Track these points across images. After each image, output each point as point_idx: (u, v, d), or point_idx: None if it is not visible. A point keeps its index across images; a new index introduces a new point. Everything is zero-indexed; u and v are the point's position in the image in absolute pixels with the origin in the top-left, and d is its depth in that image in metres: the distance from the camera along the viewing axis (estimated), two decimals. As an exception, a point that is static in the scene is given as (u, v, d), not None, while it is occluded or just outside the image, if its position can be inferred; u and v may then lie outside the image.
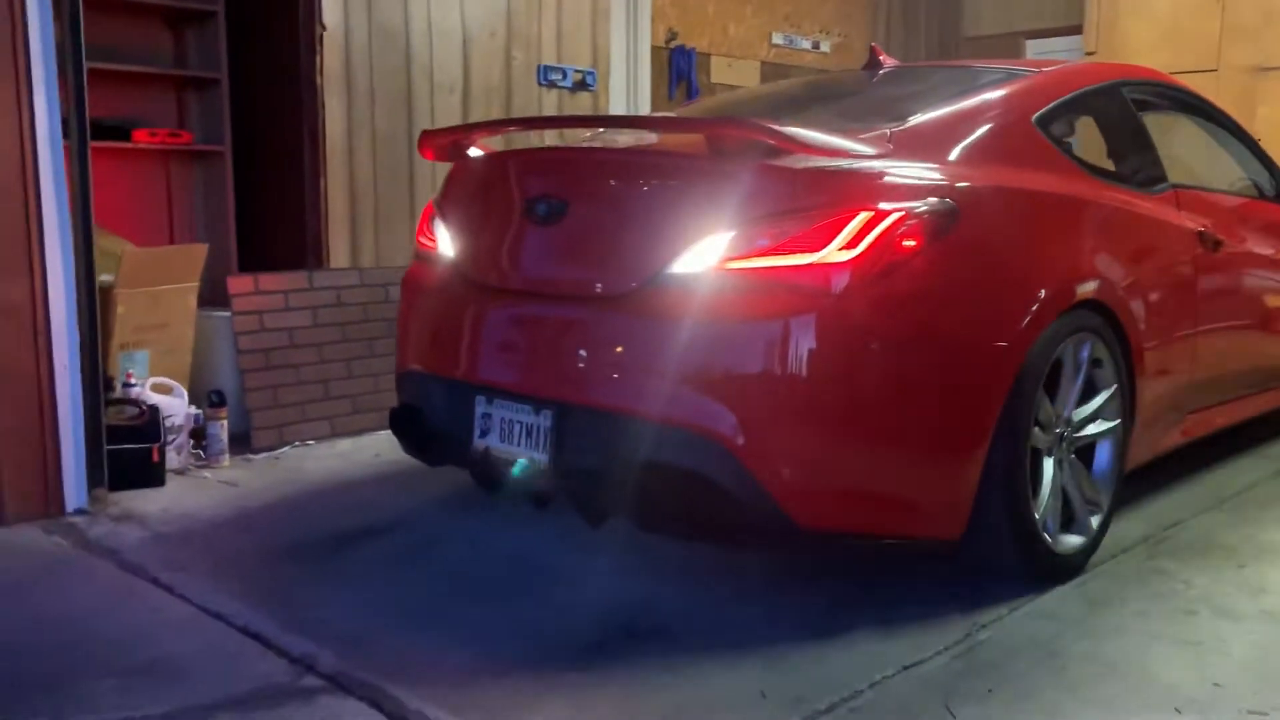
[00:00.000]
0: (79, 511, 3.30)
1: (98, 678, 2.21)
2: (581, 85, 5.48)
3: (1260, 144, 4.16)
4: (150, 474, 3.56)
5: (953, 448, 2.47)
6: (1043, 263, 2.65)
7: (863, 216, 2.31)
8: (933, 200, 2.42)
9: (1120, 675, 2.24)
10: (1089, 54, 7.24)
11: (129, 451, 3.52)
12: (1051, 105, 2.98)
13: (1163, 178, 3.33)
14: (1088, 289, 2.74)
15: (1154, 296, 3.06)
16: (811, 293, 2.28)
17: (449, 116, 4.93)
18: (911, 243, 2.35)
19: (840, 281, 2.28)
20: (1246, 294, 3.70)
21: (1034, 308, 2.56)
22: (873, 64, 3.70)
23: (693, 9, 6.91)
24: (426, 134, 2.99)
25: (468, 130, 2.96)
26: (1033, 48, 8.41)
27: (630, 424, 2.37)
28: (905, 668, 2.26)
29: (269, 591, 2.68)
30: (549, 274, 2.67)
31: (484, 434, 2.66)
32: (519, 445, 2.58)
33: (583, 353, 2.49)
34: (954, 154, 2.63)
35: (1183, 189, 3.39)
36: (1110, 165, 3.29)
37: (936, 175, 2.51)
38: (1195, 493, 3.55)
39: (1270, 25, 6.65)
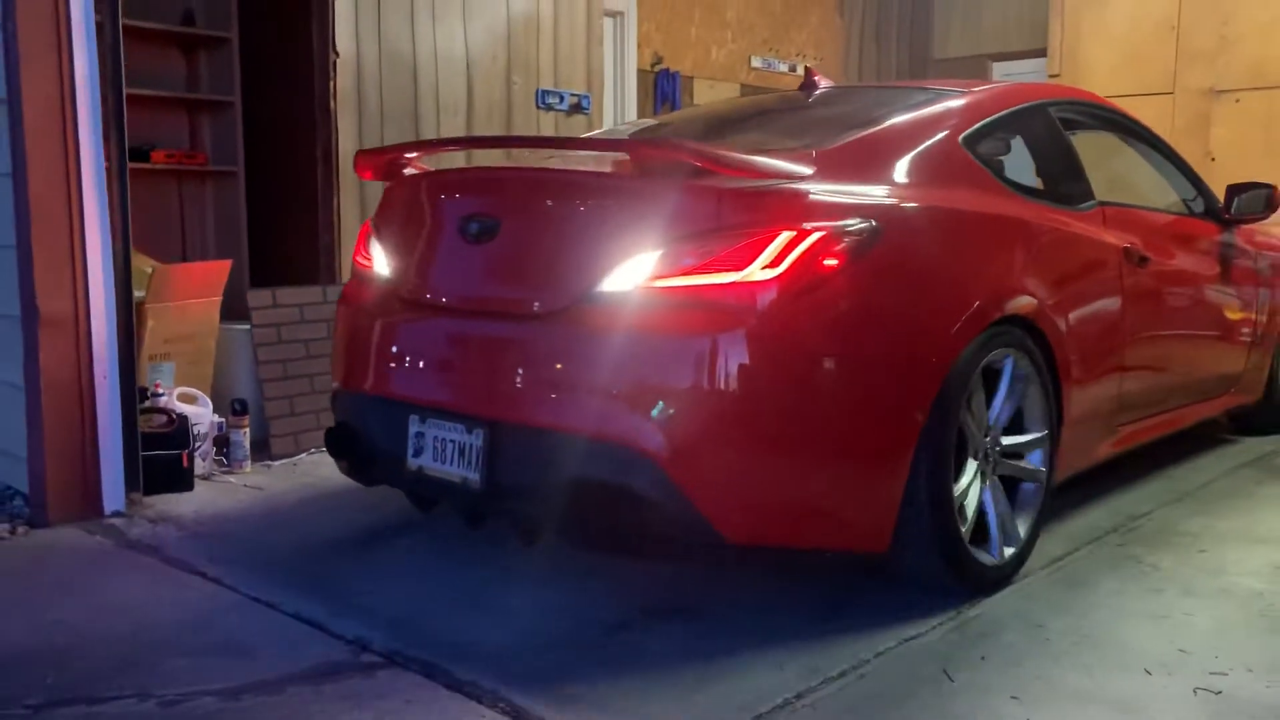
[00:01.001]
0: (116, 514, 3.48)
1: (170, 658, 2.41)
2: (577, 108, 5.73)
3: (1187, 163, 4.30)
4: (180, 478, 3.74)
5: (876, 462, 2.51)
6: (966, 280, 2.70)
7: (785, 235, 2.36)
8: (855, 220, 2.47)
9: (1097, 644, 2.49)
10: (1053, 76, 7.59)
11: (160, 457, 3.70)
12: (978, 125, 3.05)
13: (1090, 195, 3.41)
14: (1012, 305, 2.79)
15: (1080, 312, 3.12)
16: (735, 310, 2.32)
17: (454, 136, 5.16)
18: (834, 261, 2.40)
19: (763, 299, 2.33)
20: (1175, 309, 3.76)
21: (957, 324, 2.61)
22: (808, 85, 3.76)
23: (676, 34, 7.19)
24: (361, 154, 3.03)
25: (402, 150, 3.02)
26: (999, 70, 8.77)
27: (561, 441, 2.41)
28: (905, 640, 2.51)
29: (312, 582, 2.88)
30: (481, 292, 2.69)
31: (417, 453, 2.69)
32: (452, 465, 2.60)
33: (514, 371, 2.52)
34: (878, 173, 2.68)
35: (1110, 206, 3.45)
36: (1038, 183, 3.39)
37: (859, 195, 2.56)
38: (1158, 487, 3.85)
39: (1224, 50, 7.02)
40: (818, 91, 3.69)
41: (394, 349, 2.81)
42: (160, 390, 3.89)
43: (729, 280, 2.33)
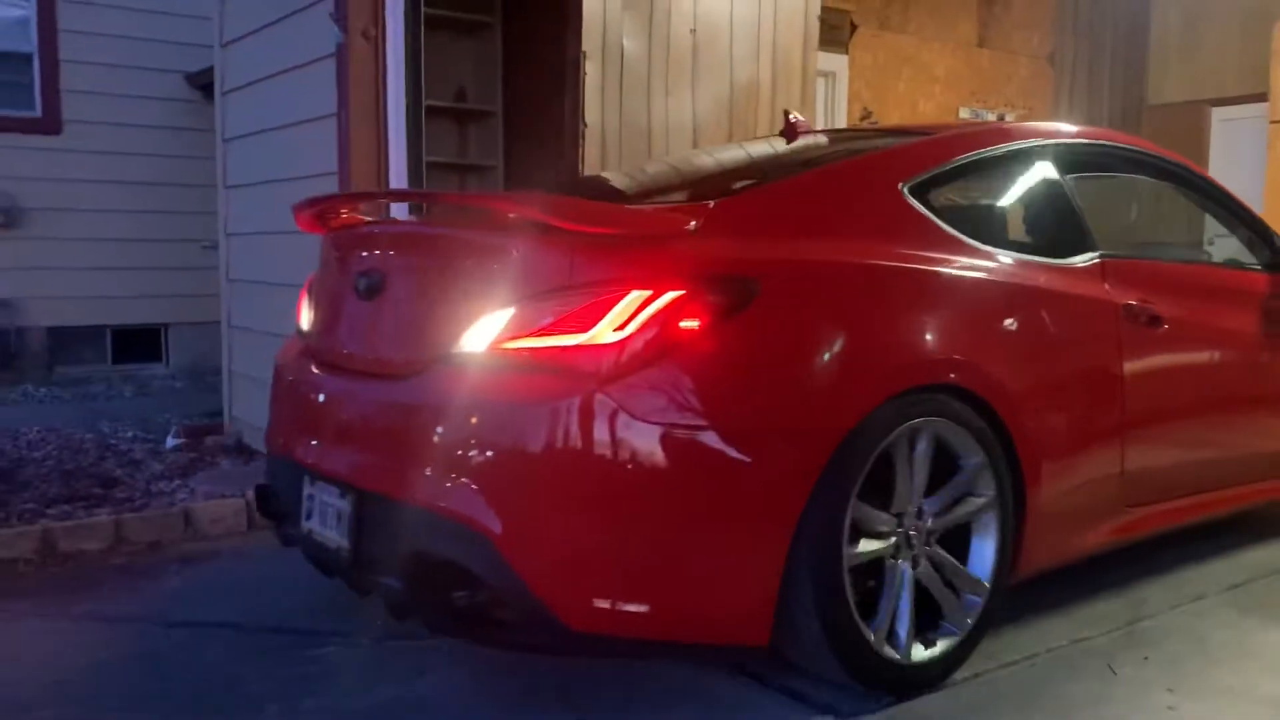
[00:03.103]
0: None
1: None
2: (791, 164, 6.28)
3: (1247, 208, 3.76)
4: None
5: (741, 546, 2.24)
6: (872, 344, 2.41)
7: (635, 295, 2.17)
8: (723, 278, 2.24)
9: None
10: (1274, 122, 7.52)
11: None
12: (932, 171, 2.77)
13: (1087, 246, 3.03)
14: (938, 372, 2.48)
15: (1052, 378, 2.77)
16: (578, 375, 2.15)
17: (678, 193, 5.81)
18: (693, 323, 2.18)
19: (608, 364, 2.14)
20: (1205, 375, 3.30)
21: (852, 394, 2.33)
22: (788, 131, 3.58)
23: (885, 89, 7.64)
24: (296, 206, 2.91)
25: (329, 201, 2.93)
26: (1218, 115, 8.70)
27: (407, 512, 2.27)
28: (1074, 641, 2.88)
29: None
30: (365, 351, 2.62)
31: (309, 516, 2.58)
32: (331, 530, 2.48)
33: (378, 434, 2.43)
34: (780, 227, 2.45)
35: (1114, 259, 3.06)
36: (1018, 234, 3.10)
37: (739, 251, 2.32)
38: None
39: None
40: (797, 137, 3.47)
41: (296, 408, 2.77)
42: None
43: (572, 343, 2.16)
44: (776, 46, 6.09)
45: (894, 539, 2.48)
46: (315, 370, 2.73)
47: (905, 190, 2.67)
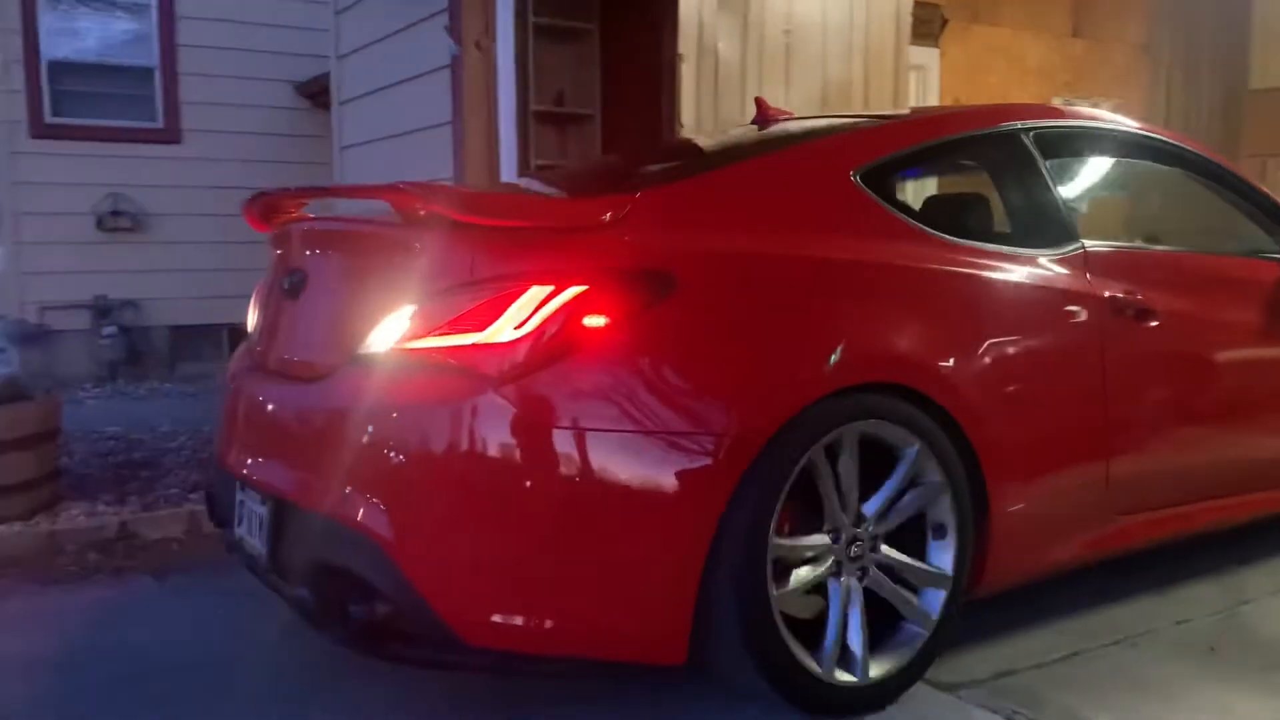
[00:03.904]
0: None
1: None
2: (883, 160, 6.37)
3: (1265, 193, 3.43)
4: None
5: (650, 556, 2.07)
6: (798, 342, 2.21)
7: (536, 291, 2.04)
8: (634, 272, 2.10)
9: None
10: (1382, 105, 7.33)
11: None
12: (886, 157, 2.60)
13: (1069, 237, 2.80)
14: (879, 370, 2.30)
15: (1016, 375, 2.54)
16: (474, 376, 2.02)
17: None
18: (598, 320, 2.04)
19: (505, 364, 2.01)
20: (1209, 372, 3.03)
21: (775, 396, 2.14)
22: (761, 116, 3.42)
23: (978, 81, 7.65)
24: (243, 204, 2.79)
25: (267, 198, 2.73)
26: (1323, 99, 8.47)
27: (310, 519, 2.18)
28: (1177, 623, 2.94)
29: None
30: (287, 354, 2.53)
31: (240, 522, 2.51)
32: (255, 536, 2.41)
33: (291, 439, 2.36)
34: (708, 218, 2.30)
35: (1100, 250, 2.83)
36: (987, 224, 2.85)
37: (656, 244, 2.17)
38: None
39: None
40: (771, 123, 3.29)
41: (231, 413, 2.68)
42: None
43: (469, 342, 2.04)
44: (869, 44, 6.19)
45: (830, 558, 2.27)
46: (251, 374, 2.65)
47: (856, 178, 2.49)
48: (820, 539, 2.28)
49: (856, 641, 2.31)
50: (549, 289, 2.04)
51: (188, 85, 8.41)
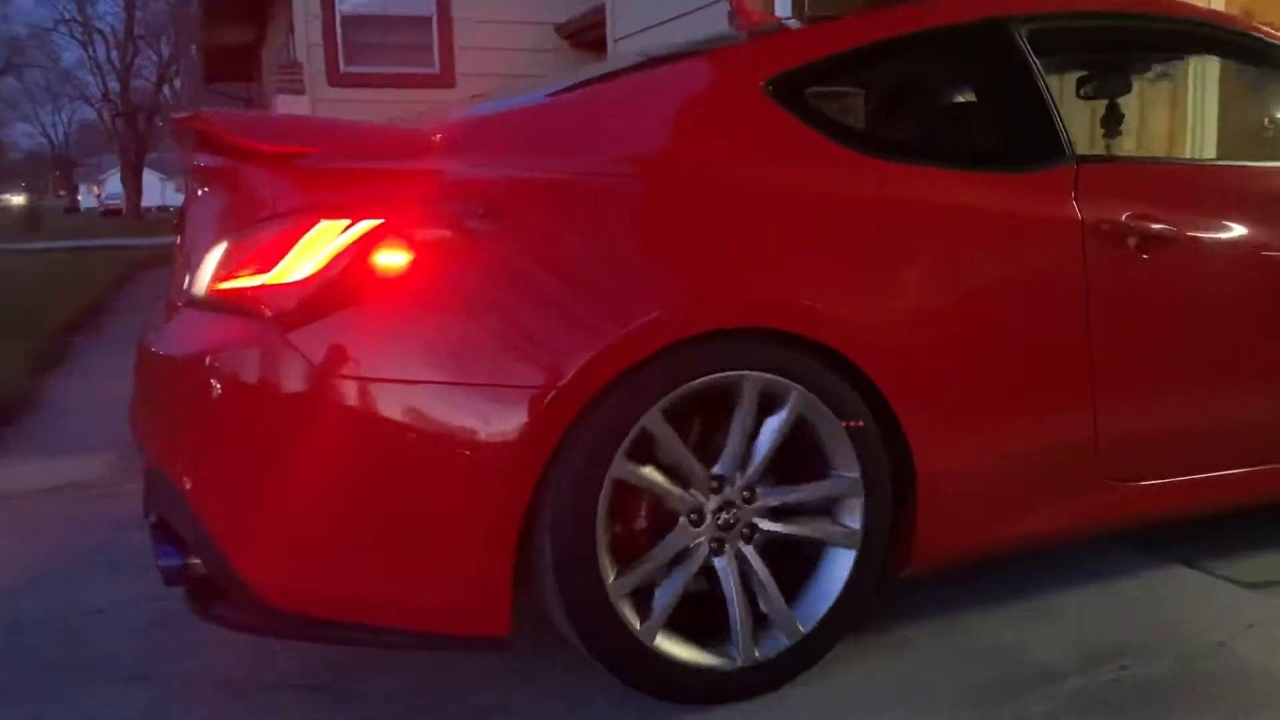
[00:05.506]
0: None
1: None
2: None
3: None
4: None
5: (454, 524, 1.87)
6: (648, 276, 1.94)
7: (325, 225, 1.85)
8: (443, 204, 1.88)
9: None
10: None
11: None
12: (808, 63, 2.22)
13: (1056, 152, 2.34)
14: (748, 315, 1.97)
15: (962, 317, 2.17)
16: (261, 320, 1.86)
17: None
18: (399, 257, 1.84)
19: (292, 306, 1.84)
20: (1233, 315, 2.48)
21: (607, 342, 1.85)
22: (733, 18, 3.03)
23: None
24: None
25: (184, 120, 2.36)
26: None
27: (151, 472, 2.06)
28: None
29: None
30: (168, 298, 2.32)
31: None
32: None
33: (142, 389, 2.20)
34: (542, 144, 2.04)
35: (1098, 165, 2.40)
36: (947, 141, 2.48)
37: (470, 173, 1.94)
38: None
39: None
40: (741, 30, 2.86)
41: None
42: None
43: (255, 284, 1.88)
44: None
45: (701, 539, 2.00)
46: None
47: (768, 90, 2.14)
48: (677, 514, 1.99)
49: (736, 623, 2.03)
50: (343, 223, 1.84)
51: (460, 31, 8.96)
